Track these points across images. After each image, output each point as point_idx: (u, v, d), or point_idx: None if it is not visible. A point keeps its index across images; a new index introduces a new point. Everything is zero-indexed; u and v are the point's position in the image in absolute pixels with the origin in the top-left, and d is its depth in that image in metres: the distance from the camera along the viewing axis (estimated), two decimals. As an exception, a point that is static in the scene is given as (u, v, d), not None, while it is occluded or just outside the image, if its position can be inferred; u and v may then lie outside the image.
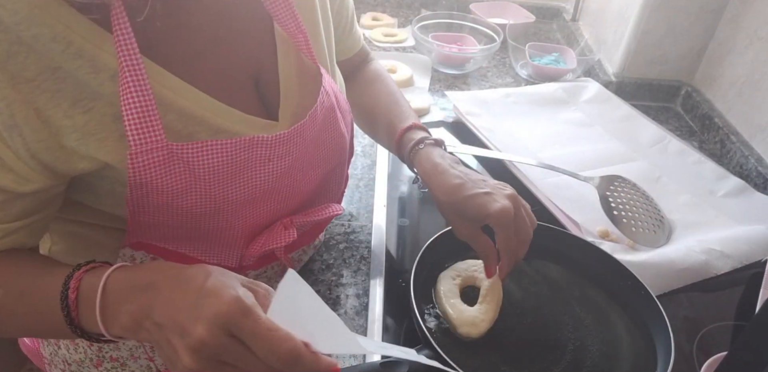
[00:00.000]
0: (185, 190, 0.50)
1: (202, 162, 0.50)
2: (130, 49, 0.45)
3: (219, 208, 0.53)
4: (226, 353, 0.40)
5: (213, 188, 0.52)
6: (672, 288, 0.74)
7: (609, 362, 0.61)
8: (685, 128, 1.15)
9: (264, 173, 0.55)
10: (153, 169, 0.48)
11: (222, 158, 0.51)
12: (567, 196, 0.85)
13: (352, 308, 0.69)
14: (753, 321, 0.47)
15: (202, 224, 0.55)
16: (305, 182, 0.61)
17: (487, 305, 0.63)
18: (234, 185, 0.53)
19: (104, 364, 0.66)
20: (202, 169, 0.50)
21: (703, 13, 1.11)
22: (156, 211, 0.51)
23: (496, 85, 1.24)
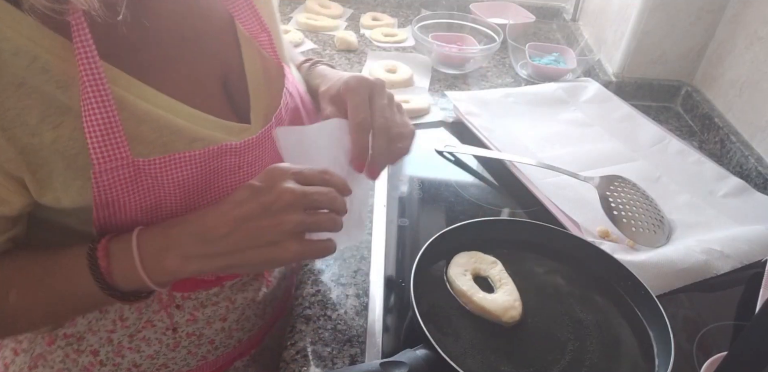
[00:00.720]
0: (154, 206, 0.48)
1: (171, 176, 0.47)
2: (90, 58, 0.42)
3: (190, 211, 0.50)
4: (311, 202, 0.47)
5: (183, 202, 0.50)
6: (672, 288, 0.73)
7: (609, 362, 0.61)
8: (685, 128, 1.15)
9: (234, 182, 0.53)
10: (119, 187, 0.45)
11: (191, 170, 0.48)
12: (567, 196, 0.85)
13: (352, 308, 0.69)
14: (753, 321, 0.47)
15: None
16: None
17: (508, 287, 0.66)
18: (204, 197, 0.51)
19: (57, 341, 0.63)
20: (171, 184, 0.48)
21: (703, 13, 1.11)
22: (123, 229, 0.49)
23: (496, 85, 1.24)
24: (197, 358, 0.67)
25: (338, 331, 0.66)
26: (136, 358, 0.62)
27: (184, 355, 0.65)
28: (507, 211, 0.88)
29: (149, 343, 0.62)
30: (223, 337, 0.67)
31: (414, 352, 0.56)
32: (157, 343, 0.62)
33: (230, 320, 0.66)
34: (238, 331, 0.69)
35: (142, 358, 0.62)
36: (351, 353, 0.63)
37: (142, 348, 0.62)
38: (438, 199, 0.88)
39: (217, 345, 0.67)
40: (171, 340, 0.63)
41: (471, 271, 0.68)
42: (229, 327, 0.67)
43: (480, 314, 0.64)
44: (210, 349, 0.67)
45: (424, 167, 0.96)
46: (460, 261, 0.69)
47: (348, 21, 1.46)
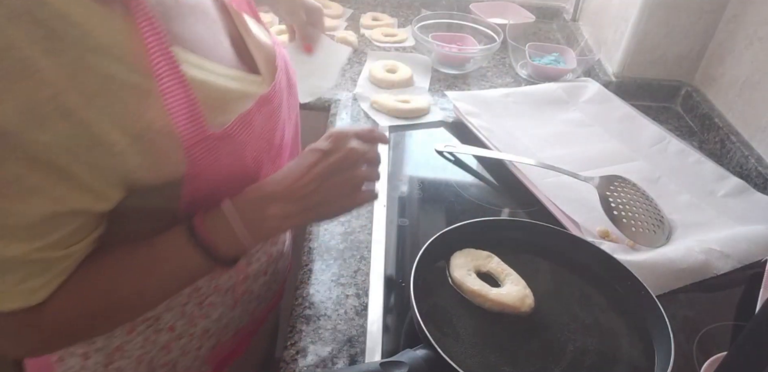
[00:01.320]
0: (234, 172, 0.52)
1: (243, 138, 0.51)
2: (163, 43, 0.44)
3: (260, 163, 0.56)
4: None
5: (254, 160, 0.54)
6: (672, 288, 0.73)
7: (609, 362, 0.61)
8: (685, 128, 1.15)
9: (271, 128, 0.58)
10: (206, 156, 0.48)
11: (253, 127, 0.53)
12: (567, 196, 0.85)
13: (352, 308, 0.69)
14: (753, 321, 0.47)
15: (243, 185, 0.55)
16: (284, 136, 0.64)
17: (512, 276, 0.68)
18: (269, 139, 0.57)
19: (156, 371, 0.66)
20: (244, 146, 0.52)
21: (703, 13, 1.11)
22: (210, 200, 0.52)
23: (496, 85, 1.24)
24: (248, 314, 0.73)
25: (338, 331, 0.66)
26: (206, 323, 0.67)
27: (239, 313, 0.71)
28: (507, 211, 0.88)
29: (215, 307, 0.66)
30: (265, 290, 0.74)
31: (414, 352, 0.56)
32: (221, 306, 0.67)
33: (269, 273, 0.73)
34: (273, 283, 0.76)
35: (210, 322, 0.67)
36: (351, 353, 0.63)
37: (210, 313, 0.66)
38: (438, 199, 0.88)
39: (262, 299, 0.75)
40: (230, 301, 0.68)
41: (473, 269, 0.69)
42: (268, 280, 0.74)
43: (499, 310, 0.65)
44: (257, 305, 0.74)
45: (424, 167, 0.96)
46: (459, 262, 0.69)
47: (348, 21, 1.46)
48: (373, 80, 1.17)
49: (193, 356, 0.68)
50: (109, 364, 0.63)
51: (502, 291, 0.66)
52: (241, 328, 0.73)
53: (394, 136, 1.03)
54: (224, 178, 0.52)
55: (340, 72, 0.95)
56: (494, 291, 0.66)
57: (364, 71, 1.21)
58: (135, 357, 0.63)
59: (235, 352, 0.75)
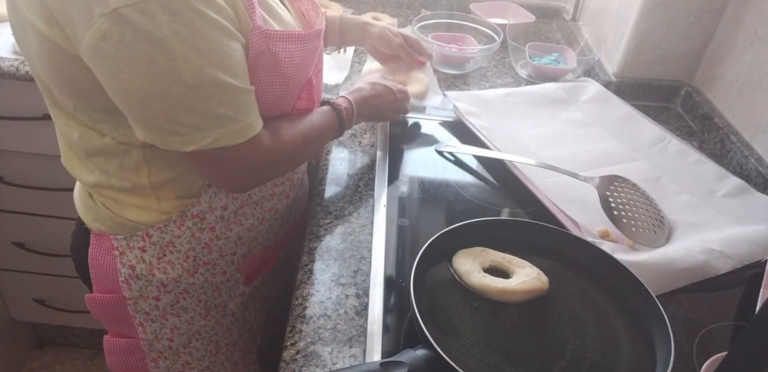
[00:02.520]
0: (271, 71, 0.66)
1: (284, 47, 0.65)
2: None
3: (285, 91, 0.69)
4: None
5: (286, 71, 0.67)
6: (672, 288, 0.73)
7: (609, 362, 0.61)
8: (685, 128, 1.15)
9: (313, 63, 0.73)
10: (262, 42, 0.63)
11: (295, 45, 0.66)
12: (567, 196, 0.85)
13: (352, 308, 0.69)
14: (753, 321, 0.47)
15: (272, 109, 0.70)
16: (318, 80, 0.80)
17: (516, 260, 0.70)
18: (298, 71, 0.69)
19: (199, 270, 0.79)
20: (283, 53, 0.65)
21: (703, 13, 1.11)
22: (258, 86, 0.65)
23: (496, 85, 1.24)
24: (273, 232, 0.87)
25: (338, 331, 0.66)
26: (239, 230, 0.80)
27: (266, 228, 0.84)
28: (507, 211, 0.88)
29: (247, 217, 0.79)
30: (288, 213, 0.88)
31: (414, 352, 0.57)
32: (252, 218, 0.80)
33: (291, 198, 0.87)
34: (294, 209, 0.91)
35: (243, 230, 0.80)
36: (351, 353, 0.63)
37: (242, 222, 0.79)
38: (438, 199, 0.88)
39: (285, 220, 0.89)
40: (259, 214, 0.81)
41: (479, 267, 0.69)
42: (291, 204, 0.88)
43: (527, 298, 0.66)
44: (281, 224, 0.88)
45: (424, 167, 0.96)
46: (464, 266, 0.68)
47: (348, 21, 1.45)
48: (373, 80, 1.17)
49: (229, 260, 0.81)
50: (162, 257, 0.76)
51: (520, 278, 0.67)
52: (268, 244, 0.87)
53: (395, 137, 1.02)
54: (272, 69, 0.66)
55: None
56: (514, 282, 0.67)
57: (363, 71, 1.21)
58: (183, 252, 0.76)
59: (263, 266, 0.89)
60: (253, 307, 0.92)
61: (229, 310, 0.86)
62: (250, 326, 0.93)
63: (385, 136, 1.01)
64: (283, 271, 0.99)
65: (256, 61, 0.63)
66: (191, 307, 0.82)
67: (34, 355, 1.67)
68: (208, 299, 0.82)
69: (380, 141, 1.00)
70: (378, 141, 1.00)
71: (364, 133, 1.03)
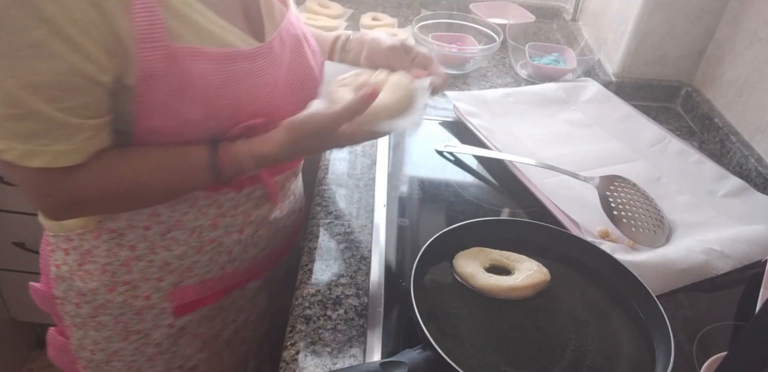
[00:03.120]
0: (180, 91, 0.57)
1: (195, 66, 0.57)
2: None
3: (209, 115, 0.60)
4: None
5: (203, 94, 0.59)
6: (672, 288, 0.74)
7: (609, 362, 0.61)
8: (685, 128, 1.15)
9: (247, 86, 0.62)
10: (157, 62, 0.55)
11: (211, 65, 0.58)
12: (567, 196, 0.85)
13: (352, 308, 0.69)
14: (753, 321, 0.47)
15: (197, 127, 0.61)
16: (285, 105, 0.68)
17: (515, 257, 0.71)
18: (222, 94, 0.60)
19: (117, 288, 0.72)
20: (196, 73, 0.57)
21: (703, 13, 1.11)
22: (155, 114, 0.58)
23: (496, 85, 1.24)
24: (218, 267, 0.76)
25: (338, 331, 0.66)
26: (167, 256, 0.72)
27: (206, 260, 0.75)
28: (507, 211, 0.88)
29: (178, 242, 0.71)
30: (240, 249, 0.77)
31: (414, 352, 0.57)
32: (184, 244, 0.72)
33: (246, 234, 0.76)
34: (252, 246, 0.79)
35: (172, 257, 0.72)
36: (351, 353, 0.63)
37: (171, 247, 0.71)
38: (438, 199, 0.88)
39: (235, 256, 0.77)
40: (196, 243, 0.72)
41: (481, 268, 0.69)
42: (245, 240, 0.77)
43: (533, 293, 0.67)
44: (228, 260, 0.77)
45: (424, 167, 0.96)
46: (467, 268, 0.68)
47: (348, 21, 1.46)
48: (373, 80, 1.17)
49: (154, 286, 0.73)
50: (82, 265, 0.72)
51: (523, 273, 0.68)
52: (208, 278, 0.77)
53: (395, 137, 1.03)
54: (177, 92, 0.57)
55: None
56: (519, 278, 0.67)
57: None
58: (101, 265, 0.71)
59: (203, 301, 0.79)
60: (188, 342, 0.81)
61: (153, 340, 0.78)
62: (182, 363, 0.83)
63: (385, 136, 1.01)
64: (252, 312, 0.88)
65: (151, 80, 0.55)
66: (109, 325, 0.76)
67: (34, 355, 1.67)
68: (128, 322, 0.76)
69: (380, 141, 1.00)
70: (378, 141, 1.00)
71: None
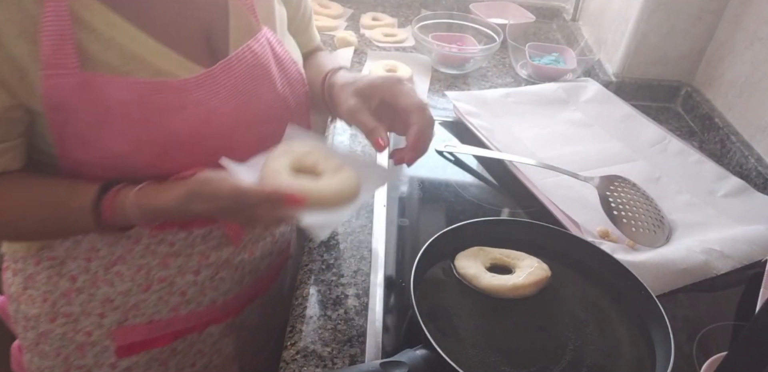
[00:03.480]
0: (99, 122, 0.53)
1: (113, 96, 0.52)
2: None
3: (137, 150, 0.55)
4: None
5: (126, 126, 0.54)
6: (672, 288, 0.73)
7: (609, 362, 0.61)
8: (685, 128, 1.15)
9: (179, 120, 0.56)
10: (67, 92, 0.50)
11: (132, 96, 0.53)
12: (567, 196, 0.85)
13: (352, 308, 0.69)
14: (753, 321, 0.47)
15: (127, 165, 0.56)
16: (239, 140, 0.61)
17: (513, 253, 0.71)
18: (149, 128, 0.55)
19: (58, 319, 0.69)
20: (113, 104, 0.52)
21: (704, 13, 1.11)
22: (77, 145, 0.54)
23: (496, 85, 1.24)
24: (168, 308, 0.71)
25: (338, 331, 0.66)
26: (110, 292, 0.67)
27: (155, 300, 0.69)
28: (507, 211, 0.88)
29: (122, 278, 0.67)
30: (195, 291, 0.71)
31: (414, 352, 0.56)
32: (129, 281, 0.67)
33: (203, 275, 0.70)
34: (211, 289, 0.72)
35: (115, 293, 0.67)
36: (351, 353, 0.63)
37: (115, 282, 0.67)
38: (438, 199, 0.88)
39: (189, 299, 0.71)
40: (143, 281, 0.67)
41: (483, 267, 0.69)
42: (202, 282, 0.71)
43: (538, 289, 0.67)
44: (181, 302, 0.71)
45: (424, 167, 0.96)
46: (470, 269, 0.68)
47: (348, 21, 1.46)
48: (373, 80, 1.17)
49: (96, 322, 0.69)
50: (25, 289, 0.69)
51: (525, 271, 0.68)
52: (158, 320, 0.71)
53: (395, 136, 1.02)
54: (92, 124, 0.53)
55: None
56: (521, 276, 0.67)
57: (364, 71, 1.21)
58: (42, 292, 0.68)
59: (152, 342, 0.73)
60: None
61: None
62: None
63: (385, 136, 1.01)
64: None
65: (63, 109, 0.52)
66: (50, 356, 0.72)
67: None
68: (68, 355, 0.71)
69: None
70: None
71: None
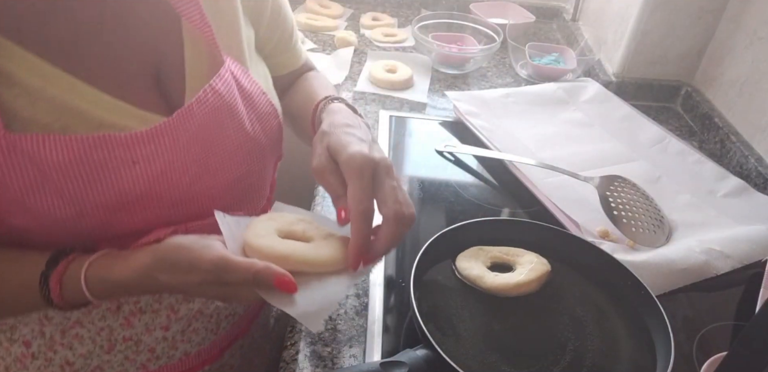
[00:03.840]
0: (36, 187, 0.46)
1: (47, 157, 0.45)
2: None
3: (84, 211, 0.49)
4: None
5: (68, 188, 0.48)
6: (672, 288, 0.73)
7: (609, 362, 0.61)
8: (685, 128, 1.15)
9: (131, 176, 0.50)
10: None
11: (71, 155, 0.46)
12: (567, 196, 0.85)
13: (352, 308, 0.69)
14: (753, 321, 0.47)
15: (78, 230, 0.51)
16: (204, 189, 0.55)
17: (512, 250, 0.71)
18: (95, 187, 0.49)
19: None
20: (48, 166, 0.46)
21: (703, 13, 1.11)
22: (15, 211, 0.47)
23: (496, 85, 1.24)
24: (136, 366, 0.64)
25: (338, 331, 0.66)
26: (69, 355, 0.61)
27: (120, 359, 0.63)
28: (507, 211, 0.88)
29: (82, 341, 0.60)
30: (166, 346, 0.65)
31: (414, 352, 0.56)
32: (90, 343, 0.61)
33: (173, 330, 0.64)
34: (184, 342, 0.66)
35: (75, 356, 0.61)
36: (351, 353, 0.63)
37: (74, 345, 0.61)
38: (438, 199, 0.88)
39: (159, 354, 0.65)
40: (105, 342, 0.61)
41: (484, 266, 0.69)
42: (173, 337, 0.64)
43: (539, 284, 0.67)
44: (150, 358, 0.64)
45: (424, 167, 0.96)
46: (474, 270, 0.68)
47: (348, 21, 1.46)
48: (372, 80, 1.17)
49: None
50: None
51: (526, 267, 0.68)
52: None
53: (395, 136, 1.03)
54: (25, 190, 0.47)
55: None
56: (523, 272, 0.67)
57: (364, 71, 1.21)
58: None
59: None
60: None
61: None
62: None
63: (385, 136, 1.01)
64: None
65: None
66: None
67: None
68: None
69: (381, 141, 1.00)
70: (378, 141, 1.00)
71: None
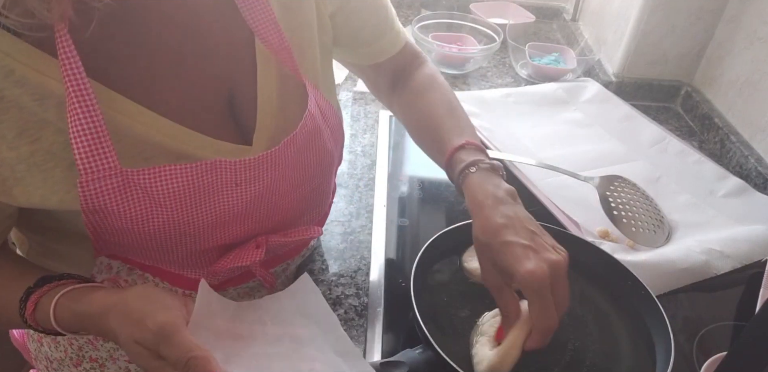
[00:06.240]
0: (146, 216, 0.49)
1: (161, 187, 0.48)
2: (76, 73, 0.43)
3: (185, 232, 0.52)
4: None
5: (176, 214, 0.50)
6: (672, 288, 0.74)
7: (609, 362, 0.61)
8: (685, 128, 1.15)
9: (232, 198, 0.53)
10: (107, 195, 0.47)
11: (182, 183, 0.49)
12: (567, 196, 0.85)
13: (352, 308, 0.69)
14: (753, 321, 0.47)
15: (170, 246, 0.53)
16: (284, 202, 0.58)
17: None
18: (200, 210, 0.51)
19: (83, 363, 0.65)
20: (162, 195, 0.49)
21: (703, 13, 1.11)
22: (118, 234, 0.50)
23: (496, 85, 1.24)
24: None
25: (338, 331, 0.66)
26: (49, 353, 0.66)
27: None
28: (507, 211, 0.87)
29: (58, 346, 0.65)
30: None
31: (414, 352, 0.57)
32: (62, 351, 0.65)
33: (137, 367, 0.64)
34: None
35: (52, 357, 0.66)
36: (351, 353, 0.63)
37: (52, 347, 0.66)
38: (438, 199, 0.88)
39: None
40: (75, 356, 0.64)
41: None
42: (137, 370, 0.65)
43: None
44: None
45: (424, 167, 0.96)
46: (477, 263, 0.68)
47: (348, 21, 1.45)
48: (373, 80, 1.17)
49: (123, 367, 0.63)
50: None
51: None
52: None
53: (395, 136, 1.03)
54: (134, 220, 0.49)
55: None
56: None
57: (364, 71, 1.21)
58: (67, 337, 0.63)
59: None
60: None
61: None
62: None
63: (385, 136, 1.01)
64: None
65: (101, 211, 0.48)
66: None
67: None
68: None
69: (380, 141, 1.00)
70: (378, 141, 1.00)
71: (364, 133, 1.03)
